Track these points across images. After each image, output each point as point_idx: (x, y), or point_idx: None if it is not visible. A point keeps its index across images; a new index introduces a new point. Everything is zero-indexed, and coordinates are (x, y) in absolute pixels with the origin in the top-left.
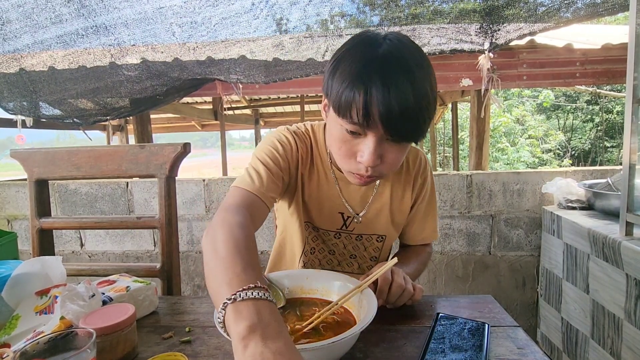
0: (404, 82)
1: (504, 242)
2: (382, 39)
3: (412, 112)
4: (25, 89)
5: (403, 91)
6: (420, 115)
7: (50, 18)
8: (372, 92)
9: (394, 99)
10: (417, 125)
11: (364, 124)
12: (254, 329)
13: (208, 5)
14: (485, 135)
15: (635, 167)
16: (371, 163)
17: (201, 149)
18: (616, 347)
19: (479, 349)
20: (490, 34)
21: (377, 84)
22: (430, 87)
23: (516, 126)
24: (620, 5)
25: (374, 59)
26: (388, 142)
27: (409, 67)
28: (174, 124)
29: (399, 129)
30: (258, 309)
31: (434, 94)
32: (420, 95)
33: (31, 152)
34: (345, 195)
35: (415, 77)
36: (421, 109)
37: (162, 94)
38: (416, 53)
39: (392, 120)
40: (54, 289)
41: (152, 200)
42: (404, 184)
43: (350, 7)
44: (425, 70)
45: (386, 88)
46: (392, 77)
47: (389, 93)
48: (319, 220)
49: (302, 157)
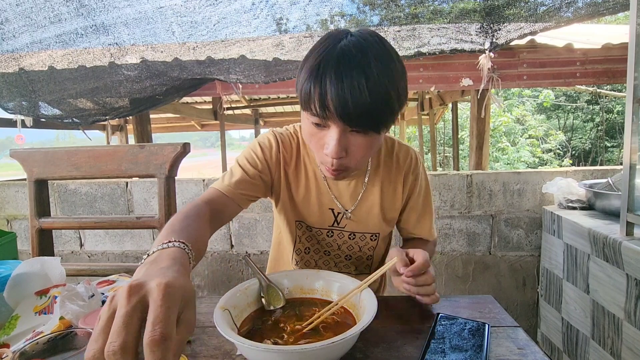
0: (359, 74)
1: (504, 242)
2: (344, 35)
3: (367, 104)
4: (25, 89)
5: (356, 84)
6: (376, 107)
7: (49, 17)
8: (327, 85)
9: (347, 91)
10: (373, 117)
11: (323, 116)
12: (150, 261)
13: (208, 4)
14: (485, 135)
15: (635, 167)
16: (335, 154)
17: (201, 149)
18: (616, 347)
19: (479, 349)
20: (490, 34)
21: (331, 77)
22: (390, 80)
23: (516, 126)
24: (620, 4)
25: (332, 54)
26: (352, 134)
27: (365, 61)
28: (173, 123)
29: (354, 120)
30: (158, 254)
31: (397, 87)
32: (375, 87)
33: (31, 152)
34: (334, 191)
35: (371, 70)
36: (377, 101)
37: (162, 93)
38: (378, 47)
39: (346, 111)
40: (54, 289)
41: (151, 200)
42: (394, 180)
43: (350, 7)
44: (385, 64)
45: (340, 81)
46: (346, 70)
47: (342, 85)
48: (310, 218)
49: (285, 158)
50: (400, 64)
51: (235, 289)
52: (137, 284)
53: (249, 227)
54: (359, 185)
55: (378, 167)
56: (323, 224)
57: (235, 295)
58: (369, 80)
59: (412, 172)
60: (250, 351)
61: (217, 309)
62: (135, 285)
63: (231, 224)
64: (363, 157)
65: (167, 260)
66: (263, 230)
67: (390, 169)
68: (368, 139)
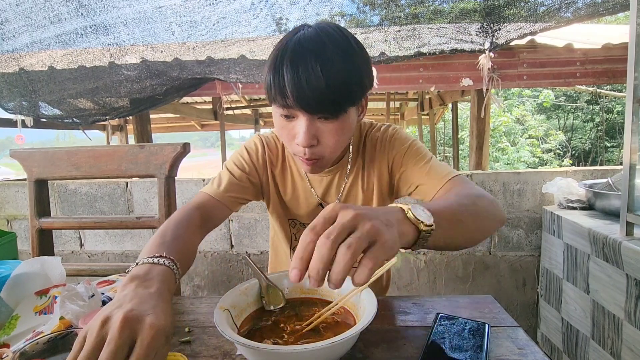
0: (313, 62)
1: (504, 242)
2: (302, 28)
3: (324, 89)
4: (25, 89)
5: (311, 69)
6: (335, 91)
7: (48, 17)
8: (284, 74)
9: (303, 78)
10: (333, 101)
11: (285, 105)
12: (134, 279)
13: (207, 4)
14: (485, 135)
15: (635, 167)
16: (305, 143)
17: (201, 149)
18: (616, 347)
19: (479, 349)
20: (490, 34)
21: (287, 65)
22: (348, 63)
23: (516, 126)
24: (620, 4)
25: (288, 45)
26: (320, 121)
27: (320, 48)
28: (173, 123)
29: (314, 106)
30: (148, 268)
31: (358, 70)
32: (332, 72)
33: (31, 152)
34: (317, 188)
35: (326, 55)
36: (334, 85)
37: (162, 93)
38: (335, 34)
39: (304, 98)
40: (54, 289)
41: (151, 200)
42: (378, 163)
43: (350, 6)
44: (342, 48)
45: (295, 69)
46: (300, 58)
47: (298, 72)
48: (301, 216)
49: (271, 160)
50: (360, 49)
51: (235, 289)
52: (133, 318)
53: (249, 227)
54: (341, 178)
55: (357, 156)
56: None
57: (235, 295)
58: (324, 66)
59: (392, 144)
60: (250, 351)
61: (217, 309)
62: (131, 318)
63: (231, 224)
64: (336, 143)
65: (157, 283)
66: (263, 230)
67: (372, 153)
68: (338, 124)
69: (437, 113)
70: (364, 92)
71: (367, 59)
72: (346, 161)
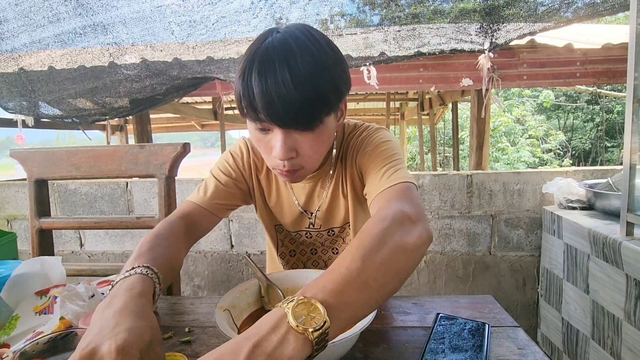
0: (282, 70)
1: (504, 242)
2: (270, 34)
3: (295, 100)
4: (24, 89)
5: (280, 80)
6: (307, 102)
7: (47, 17)
8: (252, 86)
9: (272, 89)
10: (306, 112)
11: (258, 119)
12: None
13: (206, 3)
14: (485, 135)
15: (635, 167)
16: (282, 156)
17: (201, 149)
18: (616, 347)
19: (479, 349)
20: (490, 34)
21: (255, 77)
22: (320, 69)
23: (516, 126)
24: (620, 4)
25: (256, 54)
26: (298, 133)
27: (289, 55)
28: (173, 123)
29: (286, 119)
30: (118, 286)
31: (331, 75)
32: (302, 83)
33: (31, 152)
34: (297, 194)
35: (296, 63)
36: (306, 95)
37: (162, 93)
38: (305, 38)
39: (275, 111)
40: (54, 289)
41: (151, 200)
42: (350, 165)
43: (350, 6)
44: (312, 53)
45: (263, 80)
46: (269, 68)
47: (266, 85)
48: (286, 223)
49: (256, 164)
50: (332, 51)
51: (235, 289)
52: (88, 354)
53: (249, 227)
54: (323, 185)
55: (338, 161)
56: (300, 227)
57: (235, 295)
58: (294, 76)
59: (362, 149)
60: None
61: (217, 309)
62: (86, 355)
63: (231, 224)
64: (315, 153)
65: (124, 297)
66: (263, 230)
67: (352, 154)
68: (316, 134)
69: (437, 113)
70: (340, 98)
71: (341, 60)
72: (328, 167)
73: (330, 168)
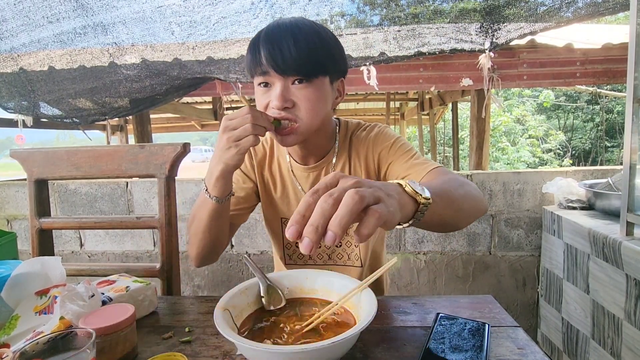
0: (286, 33)
1: (505, 242)
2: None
3: (295, 54)
4: (24, 89)
5: (284, 43)
6: (305, 57)
7: (47, 16)
8: (260, 49)
9: (276, 49)
10: (304, 64)
11: (262, 72)
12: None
13: (207, 4)
14: (485, 135)
15: (635, 167)
16: (279, 103)
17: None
18: (616, 347)
19: (479, 349)
20: (490, 34)
21: (263, 43)
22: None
23: (516, 126)
24: (620, 4)
25: (265, 29)
26: (295, 86)
27: (293, 27)
28: (173, 123)
29: (285, 69)
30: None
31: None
32: (302, 42)
33: (31, 152)
34: (302, 182)
35: (300, 32)
36: (305, 51)
37: (162, 93)
38: (309, 23)
39: (277, 62)
40: (54, 289)
41: (151, 200)
42: (364, 159)
43: (350, 6)
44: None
45: (270, 44)
46: (276, 36)
47: (273, 46)
48: (291, 212)
49: (259, 162)
50: (332, 36)
51: (235, 289)
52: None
53: (249, 227)
54: (328, 171)
55: (343, 152)
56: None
57: (235, 295)
58: (296, 39)
59: (380, 143)
60: (250, 351)
61: (217, 309)
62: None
63: None
64: (310, 108)
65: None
66: (263, 230)
67: (357, 149)
68: (311, 89)
69: (437, 113)
70: (335, 67)
71: (338, 44)
72: (331, 157)
73: (334, 158)
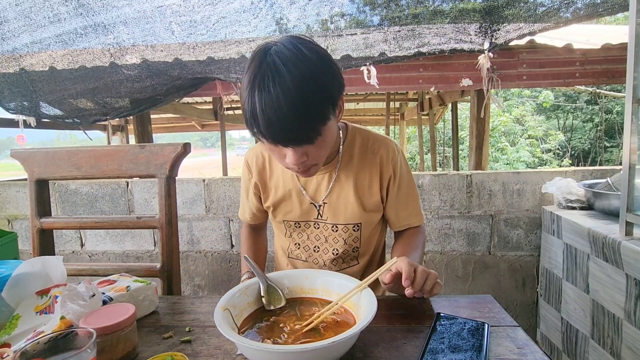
0: (277, 92)
1: (504, 242)
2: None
3: (296, 130)
4: (26, 89)
5: (276, 102)
6: (306, 128)
7: (48, 17)
8: (259, 125)
9: (275, 122)
10: (308, 137)
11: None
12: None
13: (207, 4)
14: (485, 135)
15: (635, 167)
16: (295, 164)
17: (201, 149)
18: (616, 347)
19: (479, 348)
20: (490, 34)
21: (261, 120)
22: (314, 88)
23: (516, 126)
24: (619, 5)
25: (255, 77)
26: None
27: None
28: (174, 124)
29: (293, 144)
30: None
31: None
32: (295, 102)
33: (31, 152)
34: (306, 186)
35: (289, 84)
36: (304, 121)
37: (162, 93)
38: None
39: (282, 141)
40: (54, 289)
41: (152, 200)
42: (369, 170)
43: (350, 7)
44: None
45: (266, 122)
46: (270, 114)
47: (269, 124)
48: (295, 214)
49: (258, 168)
50: (320, 60)
51: (236, 289)
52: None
53: None
54: (331, 176)
55: (351, 159)
56: (308, 217)
57: (236, 295)
58: (286, 96)
59: (390, 161)
60: (250, 351)
61: (217, 309)
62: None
63: (231, 224)
64: (325, 152)
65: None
66: None
67: (365, 160)
68: (321, 139)
69: (437, 113)
70: (335, 103)
71: (330, 66)
72: (336, 161)
73: (339, 162)
